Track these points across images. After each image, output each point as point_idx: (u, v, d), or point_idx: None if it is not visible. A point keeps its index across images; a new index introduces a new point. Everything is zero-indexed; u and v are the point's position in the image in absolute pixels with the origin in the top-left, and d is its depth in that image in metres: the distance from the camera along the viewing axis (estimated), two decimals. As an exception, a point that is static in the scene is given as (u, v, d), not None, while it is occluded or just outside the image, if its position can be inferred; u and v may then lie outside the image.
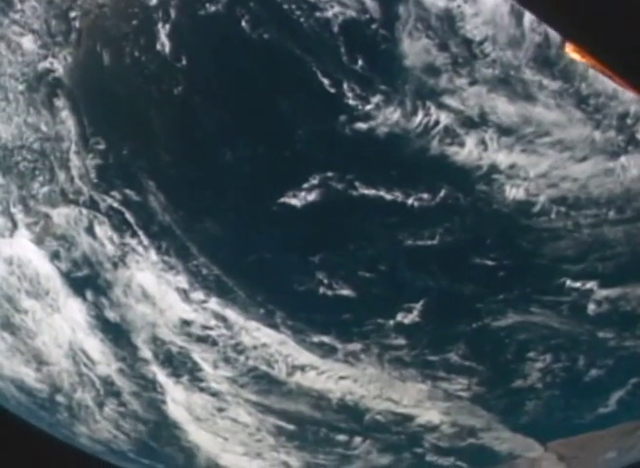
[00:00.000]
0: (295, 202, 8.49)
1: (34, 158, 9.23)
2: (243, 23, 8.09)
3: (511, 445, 9.65)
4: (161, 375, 10.13)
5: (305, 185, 8.43)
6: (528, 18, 7.13)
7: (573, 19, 3.67)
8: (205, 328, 9.55)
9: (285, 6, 7.96)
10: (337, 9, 7.90)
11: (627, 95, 6.98)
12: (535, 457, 9.86)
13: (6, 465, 10.18)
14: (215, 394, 10.08)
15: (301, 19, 7.99)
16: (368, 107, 7.98)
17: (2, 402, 10.80)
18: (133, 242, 9.26)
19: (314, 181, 8.40)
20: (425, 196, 8.20)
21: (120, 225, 9.24)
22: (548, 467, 9.98)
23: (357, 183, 8.30)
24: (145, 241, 9.20)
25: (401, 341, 9.00)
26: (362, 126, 8.04)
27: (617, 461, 9.69)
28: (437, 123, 7.93)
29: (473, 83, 7.70)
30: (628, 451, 9.53)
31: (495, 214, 8.08)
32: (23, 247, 9.81)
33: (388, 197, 8.30)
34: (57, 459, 10.60)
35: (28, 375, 10.68)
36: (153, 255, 9.24)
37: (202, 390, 10.08)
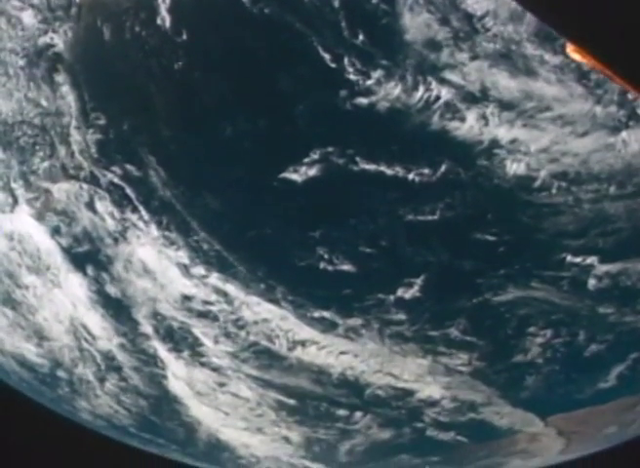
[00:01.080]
0: (295, 177, 8.52)
1: (35, 133, 9.24)
2: (243, -2, 8.15)
3: (511, 419, 9.81)
4: (162, 350, 10.24)
5: (306, 160, 8.43)
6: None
7: (573, 19, 3.72)
8: (206, 303, 9.63)
9: (285, -20, 8.02)
10: (337, -17, 7.94)
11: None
12: (535, 432, 10.07)
13: (8, 440, 10.49)
14: (215, 369, 10.19)
15: (302, -7, 8.05)
16: (369, 82, 7.97)
17: (3, 377, 11.00)
18: (133, 217, 9.30)
19: (315, 156, 8.40)
20: (426, 171, 8.22)
21: (121, 200, 9.28)
22: (548, 442, 10.22)
23: (358, 158, 8.31)
24: (146, 216, 9.24)
25: (401, 316, 9.06)
26: (363, 101, 8.04)
27: (617, 436, 9.88)
28: (438, 98, 7.93)
29: (474, 58, 7.69)
30: (628, 426, 9.75)
31: (495, 189, 8.11)
32: (24, 222, 9.86)
33: (389, 172, 8.31)
34: (58, 434, 10.91)
35: (29, 351, 10.84)
36: (154, 231, 9.28)
37: (203, 365, 10.20)
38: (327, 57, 8.05)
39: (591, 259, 8.33)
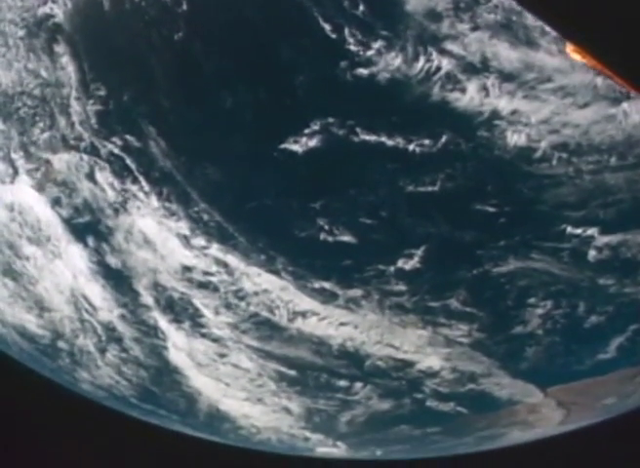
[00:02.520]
0: (296, 148, 8.61)
1: (35, 104, 9.32)
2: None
3: (511, 390, 9.87)
4: (162, 321, 10.37)
5: (306, 131, 8.51)
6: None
7: (573, 19, 3.78)
8: (206, 274, 9.73)
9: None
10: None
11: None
12: (534, 403, 10.15)
13: (9, 411, 10.75)
14: (216, 340, 10.30)
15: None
16: (369, 53, 8.06)
17: (4, 348, 11.14)
18: (134, 188, 9.39)
19: (315, 127, 8.48)
20: (427, 142, 8.31)
21: (121, 171, 9.37)
22: (548, 413, 10.30)
23: (358, 129, 8.38)
24: (146, 187, 9.33)
25: (402, 287, 9.15)
26: (363, 72, 8.12)
27: (616, 407, 9.96)
28: (439, 69, 8.02)
29: (475, 28, 7.77)
30: (628, 397, 9.84)
31: (496, 160, 8.20)
32: (24, 193, 9.96)
33: (389, 143, 8.40)
34: (59, 405, 11.14)
35: (30, 322, 10.96)
36: (154, 201, 9.39)
37: (203, 336, 10.31)
38: (327, 27, 8.14)
39: (592, 231, 8.40)
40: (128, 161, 9.33)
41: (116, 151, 9.31)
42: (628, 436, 9.84)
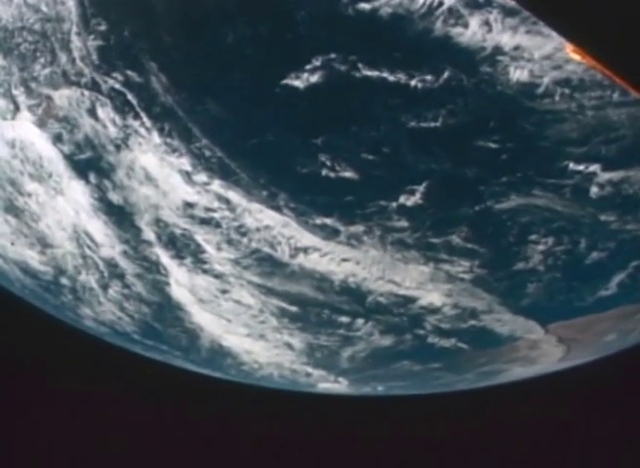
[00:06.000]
0: (297, 83, 8.79)
1: (35, 39, 9.44)
2: None
3: (512, 327, 10.23)
4: (164, 257, 10.64)
5: (308, 67, 8.70)
6: None
7: (573, 19, 3.97)
8: (208, 210, 9.97)
9: None
10: None
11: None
12: (535, 339, 10.54)
13: (12, 347, 11.25)
14: (218, 276, 10.60)
15: None
16: None
17: (7, 284, 11.48)
18: (135, 124, 9.58)
19: (317, 63, 8.66)
20: (429, 78, 8.50)
21: (122, 107, 9.54)
22: (548, 349, 10.71)
23: (360, 65, 8.56)
24: (148, 123, 9.52)
25: (403, 224, 9.42)
26: (365, 6, 8.26)
27: (616, 343, 10.39)
28: (441, 3, 8.16)
29: None
30: (628, 334, 10.26)
31: (498, 95, 8.37)
32: (26, 129, 10.13)
33: (391, 78, 8.58)
34: (62, 341, 11.62)
35: (32, 258, 11.26)
36: (156, 137, 9.59)
37: (205, 272, 10.60)
38: (328, -39, 8.17)
39: (594, 167, 8.64)
40: (129, 96, 9.50)
41: (117, 87, 9.48)
42: (628, 372, 10.32)
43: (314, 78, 8.77)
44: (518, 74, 8.31)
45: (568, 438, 11.18)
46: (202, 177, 9.81)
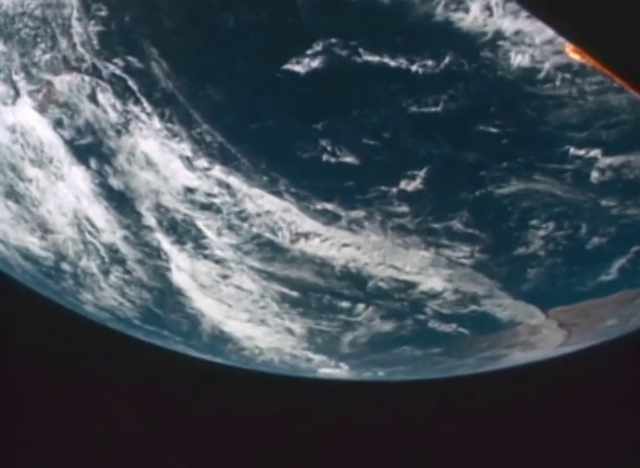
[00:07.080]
0: (298, 68, 8.81)
1: (36, 25, 9.50)
2: None
3: (513, 312, 10.35)
4: (165, 243, 10.71)
5: (309, 52, 8.71)
6: None
7: (573, 19, 4.03)
8: (209, 195, 10.01)
9: None
10: None
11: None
12: (536, 324, 10.67)
13: (13, 332, 11.42)
14: (219, 261, 10.67)
15: None
16: None
17: (7, 270, 11.67)
18: (136, 109, 9.61)
19: (318, 48, 8.67)
20: (430, 63, 8.50)
21: (123, 92, 9.57)
22: (549, 334, 10.88)
23: (361, 50, 8.56)
24: (148, 108, 9.55)
25: (404, 209, 9.46)
26: None
27: (616, 328, 10.64)
28: None
29: None
30: (628, 319, 10.48)
31: (499, 80, 8.37)
32: (26, 114, 10.19)
33: (392, 64, 8.59)
34: (63, 327, 11.78)
35: (33, 244, 11.37)
36: (157, 123, 9.61)
37: (206, 257, 10.68)
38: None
39: (594, 152, 8.67)
40: (130, 82, 9.54)
41: (118, 72, 9.51)
42: (629, 357, 10.46)
43: (315, 63, 8.80)
44: (519, 59, 8.31)
45: (569, 422, 11.49)
46: (203, 163, 9.84)
